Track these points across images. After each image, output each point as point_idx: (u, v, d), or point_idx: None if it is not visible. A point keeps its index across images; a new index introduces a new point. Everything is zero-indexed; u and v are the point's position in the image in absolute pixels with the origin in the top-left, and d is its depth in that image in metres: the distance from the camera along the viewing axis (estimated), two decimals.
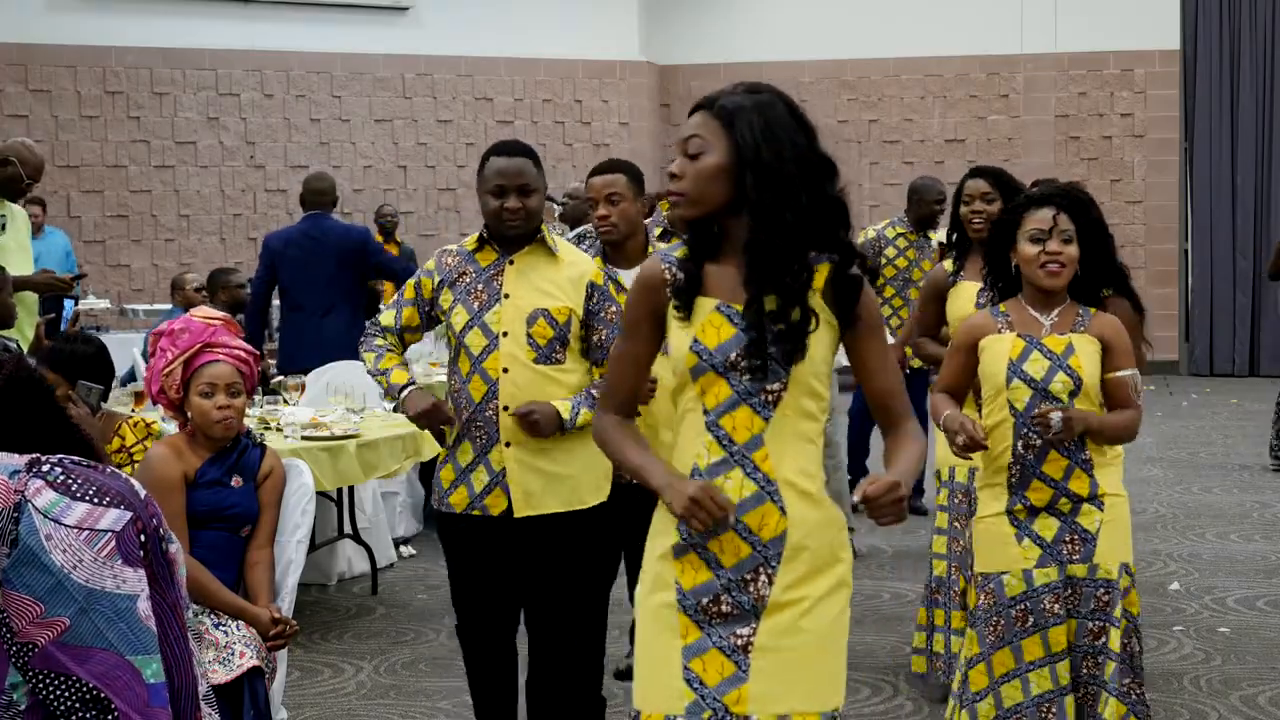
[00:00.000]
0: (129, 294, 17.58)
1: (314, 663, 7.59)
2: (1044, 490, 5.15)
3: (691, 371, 3.68)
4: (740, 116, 3.70)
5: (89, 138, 17.78)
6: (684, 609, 3.68)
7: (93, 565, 3.49)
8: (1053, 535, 5.15)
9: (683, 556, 3.69)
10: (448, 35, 19.19)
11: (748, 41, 20.44)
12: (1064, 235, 5.19)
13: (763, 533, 3.65)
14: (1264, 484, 12.27)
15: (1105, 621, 5.10)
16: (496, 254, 5.38)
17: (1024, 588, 5.14)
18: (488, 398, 5.26)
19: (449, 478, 5.39)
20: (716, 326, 3.68)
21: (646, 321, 3.79)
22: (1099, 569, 5.12)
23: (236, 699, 5.20)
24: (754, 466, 3.65)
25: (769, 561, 3.65)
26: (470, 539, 5.39)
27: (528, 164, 5.38)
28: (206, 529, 5.47)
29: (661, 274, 3.76)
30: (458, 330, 5.32)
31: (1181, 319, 20.37)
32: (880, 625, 8.11)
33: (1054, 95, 20.22)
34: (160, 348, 5.56)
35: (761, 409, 3.66)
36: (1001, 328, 5.27)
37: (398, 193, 18.90)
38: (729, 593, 3.65)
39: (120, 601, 3.50)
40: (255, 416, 8.25)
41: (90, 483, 3.53)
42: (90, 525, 3.47)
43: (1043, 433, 5.09)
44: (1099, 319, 5.26)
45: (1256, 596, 8.63)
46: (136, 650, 3.55)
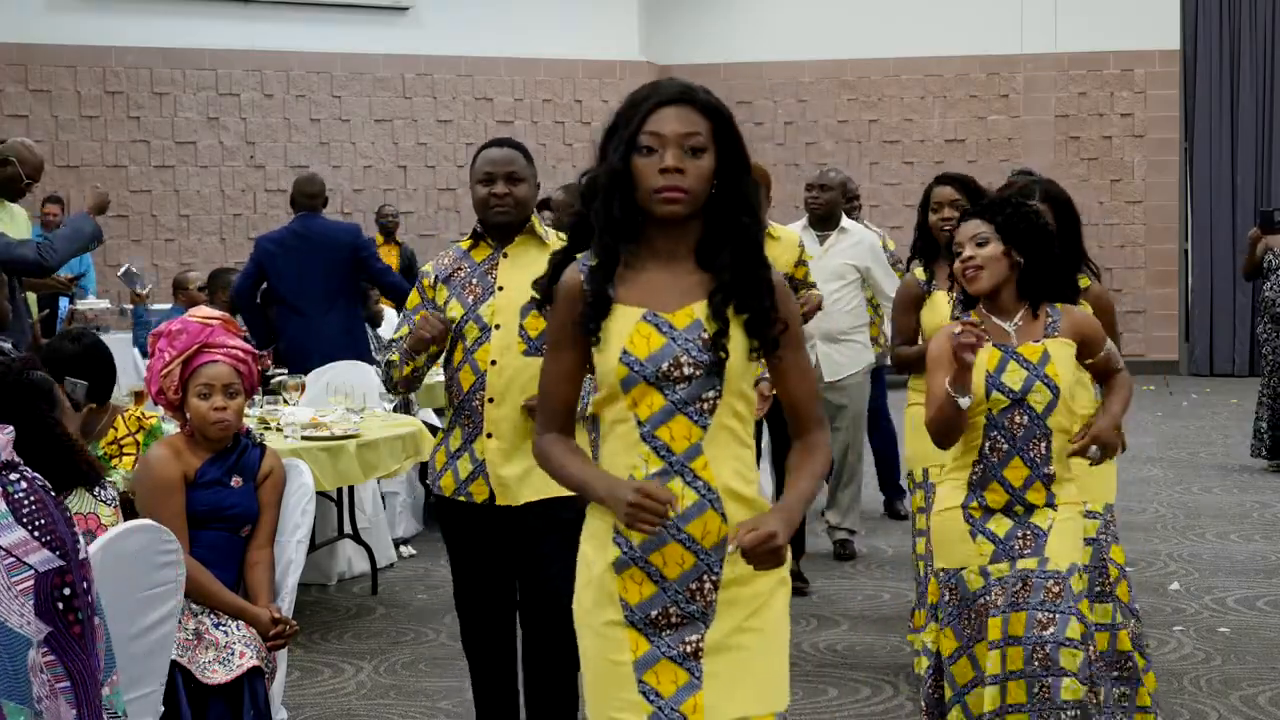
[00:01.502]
0: (129, 294, 17.55)
1: (314, 663, 7.59)
2: (1000, 494, 5.13)
3: (622, 384, 3.59)
4: (729, 118, 3.66)
5: (89, 138, 17.77)
6: (631, 624, 3.62)
7: (3, 594, 3.38)
8: (1005, 532, 5.13)
9: (624, 572, 3.62)
10: (448, 35, 19.19)
11: (748, 42, 20.44)
12: (976, 239, 5.16)
13: (705, 540, 3.59)
14: (1264, 484, 12.26)
15: (1054, 612, 5.02)
16: (490, 248, 5.42)
17: (982, 583, 5.13)
18: (475, 388, 5.30)
19: (440, 460, 5.45)
20: (645, 336, 3.60)
21: (569, 333, 3.68)
22: (1049, 562, 5.07)
23: (236, 699, 5.21)
24: (694, 475, 3.59)
25: (712, 568, 3.60)
26: (460, 522, 5.45)
27: (517, 155, 5.45)
28: (206, 529, 5.47)
29: (579, 284, 3.66)
30: (454, 324, 5.34)
31: (1181, 319, 20.37)
32: (880, 625, 8.11)
33: (1054, 95, 20.21)
34: (158, 348, 5.56)
35: (698, 417, 3.59)
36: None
37: (398, 193, 18.90)
38: (676, 604, 3.60)
39: (15, 641, 3.38)
40: (255, 416, 8.25)
41: (41, 514, 3.42)
42: (19, 555, 3.36)
43: (1090, 458, 5.18)
44: (1069, 317, 5.23)
45: (1256, 596, 8.63)
46: (11, 695, 3.42)
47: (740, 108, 20.54)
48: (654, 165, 3.55)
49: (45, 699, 3.45)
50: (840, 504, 9.73)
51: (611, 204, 3.60)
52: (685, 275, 3.65)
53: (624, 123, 3.61)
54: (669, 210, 3.57)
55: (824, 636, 7.90)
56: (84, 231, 8.58)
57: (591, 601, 3.67)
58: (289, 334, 10.45)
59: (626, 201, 3.59)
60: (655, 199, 3.56)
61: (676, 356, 3.58)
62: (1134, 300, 20.08)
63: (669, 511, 3.46)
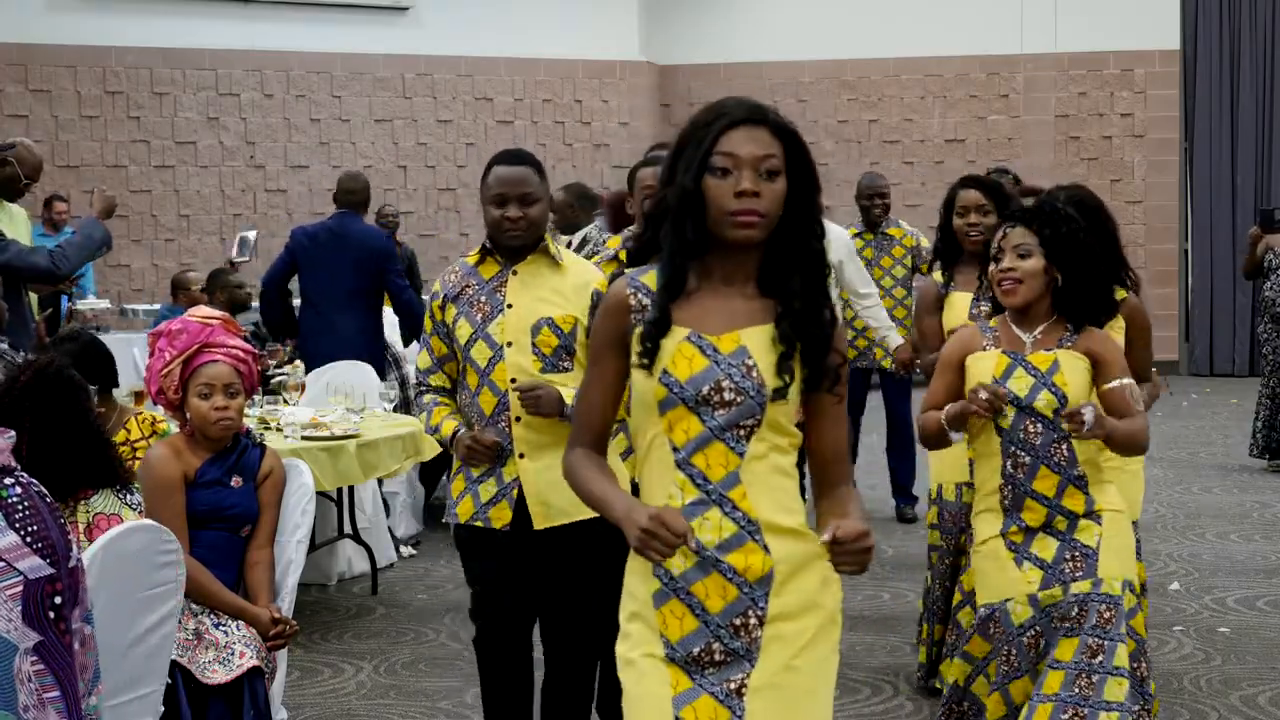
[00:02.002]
0: (129, 294, 17.57)
1: (314, 663, 7.59)
2: (1038, 509, 5.03)
3: (660, 405, 3.48)
4: (800, 139, 3.54)
5: (89, 138, 17.77)
6: (673, 660, 3.49)
7: None
8: (1052, 555, 5.02)
9: (664, 605, 3.49)
10: (448, 35, 19.18)
11: (748, 41, 20.44)
12: (1019, 250, 5.08)
13: (748, 574, 3.46)
14: (1264, 484, 12.26)
15: (1104, 639, 4.93)
16: (499, 265, 5.30)
17: (1032, 612, 5.00)
18: (499, 410, 5.18)
19: (459, 488, 5.33)
20: (688, 357, 3.48)
21: (613, 348, 3.58)
22: (1103, 584, 4.96)
23: (236, 699, 5.21)
24: (733, 505, 3.46)
25: (756, 603, 3.47)
26: (477, 548, 5.34)
27: (530, 173, 5.29)
28: (206, 529, 5.47)
29: (627, 299, 3.56)
30: (463, 344, 5.24)
31: (1181, 319, 20.37)
32: (881, 625, 8.11)
33: (1054, 95, 20.21)
34: (158, 348, 5.56)
35: (735, 444, 3.46)
36: (988, 344, 5.16)
37: (398, 193, 18.89)
38: (719, 640, 3.47)
39: (2, 647, 3.38)
40: (255, 416, 8.25)
41: (34, 520, 3.40)
42: (9, 560, 3.35)
43: (1074, 429, 4.90)
44: (1088, 335, 5.12)
45: (1256, 596, 8.63)
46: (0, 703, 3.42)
47: None
48: (729, 188, 3.43)
49: (32, 708, 3.43)
50: None
51: (684, 226, 3.47)
52: (738, 300, 3.54)
53: (694, 143, 3.48)
54: (744, 235, 3.45)
55: None
56: (94, 238, 8.56)
57: (633, 641, 3.55)
58: (305, 329, 10.44)
59: (698, 223, 3.46)
60: (729, 222, 3.44)
61: (718, 380, 3.46)
62: None
63: (685, 539, 3.30)
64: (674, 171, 3.50)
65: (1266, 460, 12.80)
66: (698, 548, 3.45)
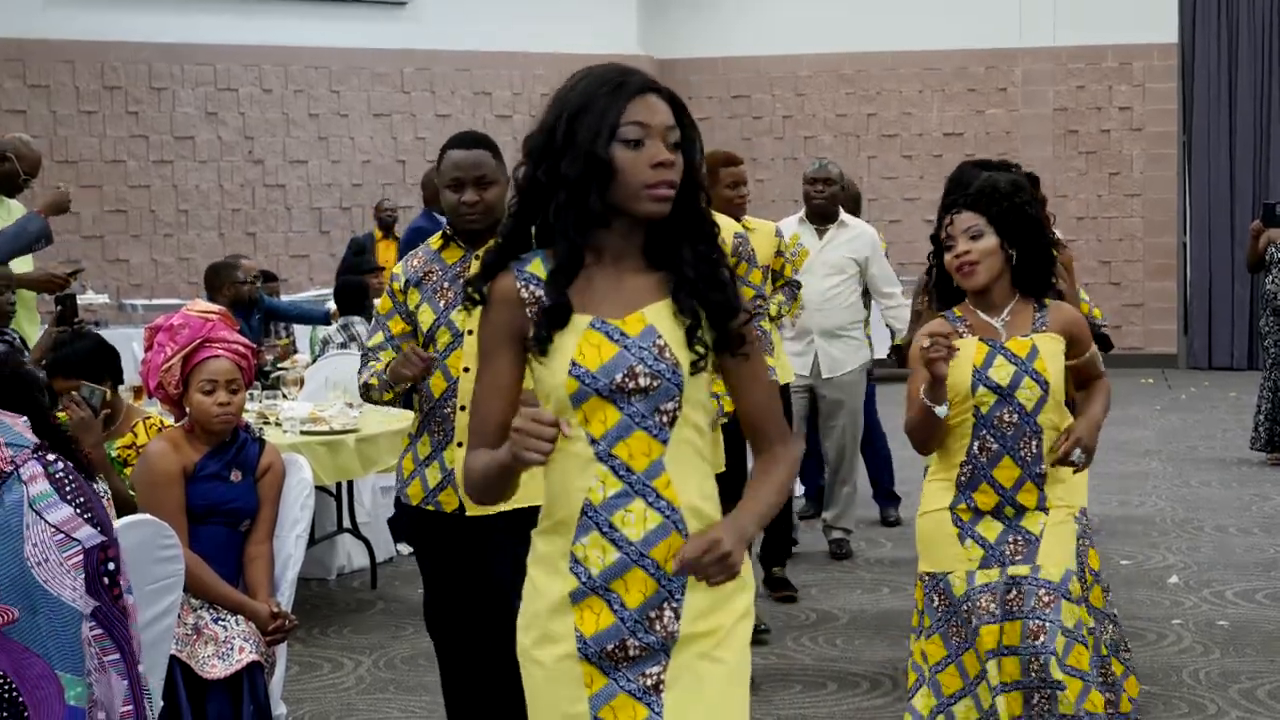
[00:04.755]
0: (128, 289, 17.56)
1: (313, 657, 7.60)
2: (990, 495, 5.04)
3: (572, 398, 3.27)
4: (685, 107, 3.38)
5: (87, 133, 17.76)
6: (586, 657, 3.31)
7: (57, 569, 3.45)
8: (995, 537, 5.04)
9: (582, 602, 3.31)
10: (446, 29, 19.17)
11: (745, 35, 20.44)
12: (970, 232, 5.07)
13: (668, 565, 3.28)
14: (1263, 477, 12.26)
15: (1044, 620, 4.91)
16: (462, 250, 5.24)
17: (966, 588, 5.03)
18: (446, 395, 5.13)
19: (409, 468, 5.28)
20: (595, 345, 3.28)
21: (506, 345, 3.34)
22: (1041, 570, 4.97)
23: (236, 693, 5.21)
24: (656, 495, 3.28)
25: (673, 595, 3.31)
26: (428, 532, 5.29)
27: (485, 155, 5.23)
28: (205, 524, 5.48)
29: (516, 292, 3.33)
30: (425, 329, 5.18)
31: (1180, 312, 20.37)
32: (879, 620, 8.12)
33: (1052, 89, 20.21)
34: (158, 343, 5.56)
35: (658, 431, 3.29)
36: (962, 332, 5.12)
37: (397, 187, 18.87)
38: (634, 635, 3.30)
39: (69, 614, 3.46)
40: (254, 411, 8.25)
41: (81, 492, 3.52)
42: (68, 531, 3.45)
43: (1074, 464, 5.03)
44: (1056, 311, 5.15)
45: (1255, 590, 8.63)
46: (68, 668, 3.50)
47: (738, 101, 20.60)
48: (644, 159, 3.25)
49: (95, 672, 3.55)
50: (837, 502, 9.66)
51: (587, 198, 3.25)
52: (630, 277, 3.35)
53: (593, 111, 3.26)
54: (659, 209, 3.28)
55: (823, 630, 7.91)
56: (29, 230, 8.43)
57: (540, 634, 3.37)
58: None
59: (604, 197, 3.25)
60: (647, 195, 3.26)
61: (631, 366, 3.27)
62: (1132, 293, 20.09)
63: (557, 430, 3.10)
64: (566, 142, 3.26)
65: (1267, 453, 12.80)
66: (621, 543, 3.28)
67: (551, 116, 3.31)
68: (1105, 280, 19.48)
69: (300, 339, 12.61)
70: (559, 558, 3.34)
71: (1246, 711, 6.62)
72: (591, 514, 3.30)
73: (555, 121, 3.29)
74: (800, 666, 7.33)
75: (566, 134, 3.27)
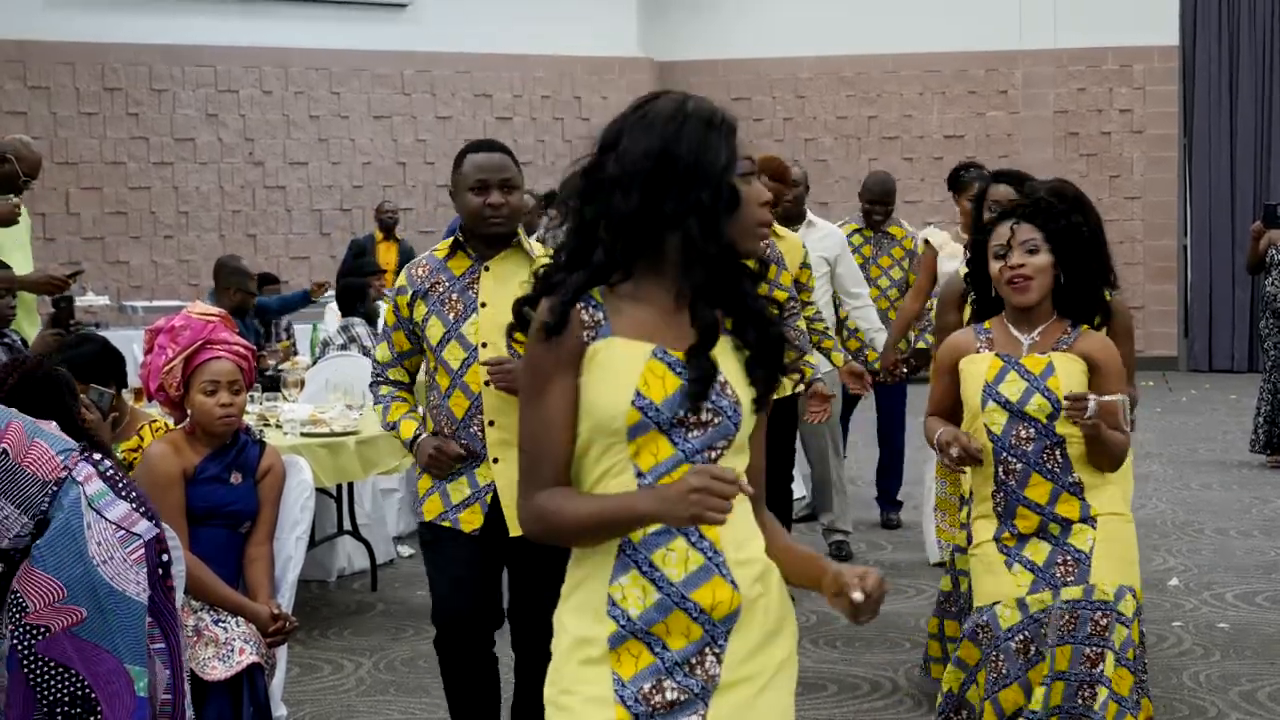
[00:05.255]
0: (128, 290, 17.58)
1: (313, 659, 7.59)
2: (1030, 517, 5.00)
3: (630, 430, 3.13)
4: None
5: (88, 135, 17.77)
6: (622, 701, 3.14)
7: (121, 565, 3.50)
8: (1044, 559, 4.98)
9: (620, 646, 3.16)
10: (446, 31, 19.18)
11: (746, 38, 20.44)
12: (1027, 246, 4.99)
13: (715, 612, 3.16)
14: (1263, 480, 12.26)
15: (1103, 647, 4.88)
16: (470, 260, 5.17)
17: (1020, 617, 4.96)
18: (471, 413, 5.09)
19: (426, 485, 5.25)
20: (660, 376, 3.14)
21: (560, 370, 3.17)
22: (1095, 590, 4.92)
23: (236, 695, 5.21)
24: (700, 535, 3.15)
25: (716, 640, 3.18)
26: (443, 549, 5.25)
27: (508, 160, 5.19)
28: (206, 525, 5.47)
29: (576, 313, 3.17)
30: (434, 344, 5.14)
31: (1180, 315, 20.38)
32: (880, 624, 8.09)
33: (1053, 91, 20.22)
34: (158, 345, 5.55)
35: None
36: (981, 347, 5.10)
37: (397, 189, 18.89)
38: (672, 676, 3.15)
39: (135, 608, 3.51)
40: (255, 413, 8.25)
41: (132, 486, 3.56)
42: (127, 527, 3.49)
43: (1075, 413, 4.82)
44: (1087, 337, 5.07)
45: (1255, 592, 8.63)
46: (135, 660, 3.54)
47: (739, 104, 20.55)
48: (753, 195, 3.24)
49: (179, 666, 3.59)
50: (832, 506, 9.59)
51: (720, 227, 3.14)
52: (672, 311, 3.21)
53: (715, 140, 3.19)
54: (759, 249, 3.25)
55: (823, 633, 7.90)
56: None
57: (573, 677, 3.20)
58: None
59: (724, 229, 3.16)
60: (754, 232, 3.22)
61: (698, 398, 3.15)
62: (1133, 296, 20.07)
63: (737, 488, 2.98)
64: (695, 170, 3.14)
65: (1267, 455, 12.80)
66: (661, 583, 3.15)
67: (659, 141, 3.19)
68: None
69: (301, 340, 12.61)
70: (598, 602, 3.19)
71: (1247, 714, 6.61)
72: (630, 552, 3.16)
73: (671, 145, 3.17)
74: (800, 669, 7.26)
75: (696, 159, 3.15)
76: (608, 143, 3.30)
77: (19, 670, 3.62)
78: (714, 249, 3.14)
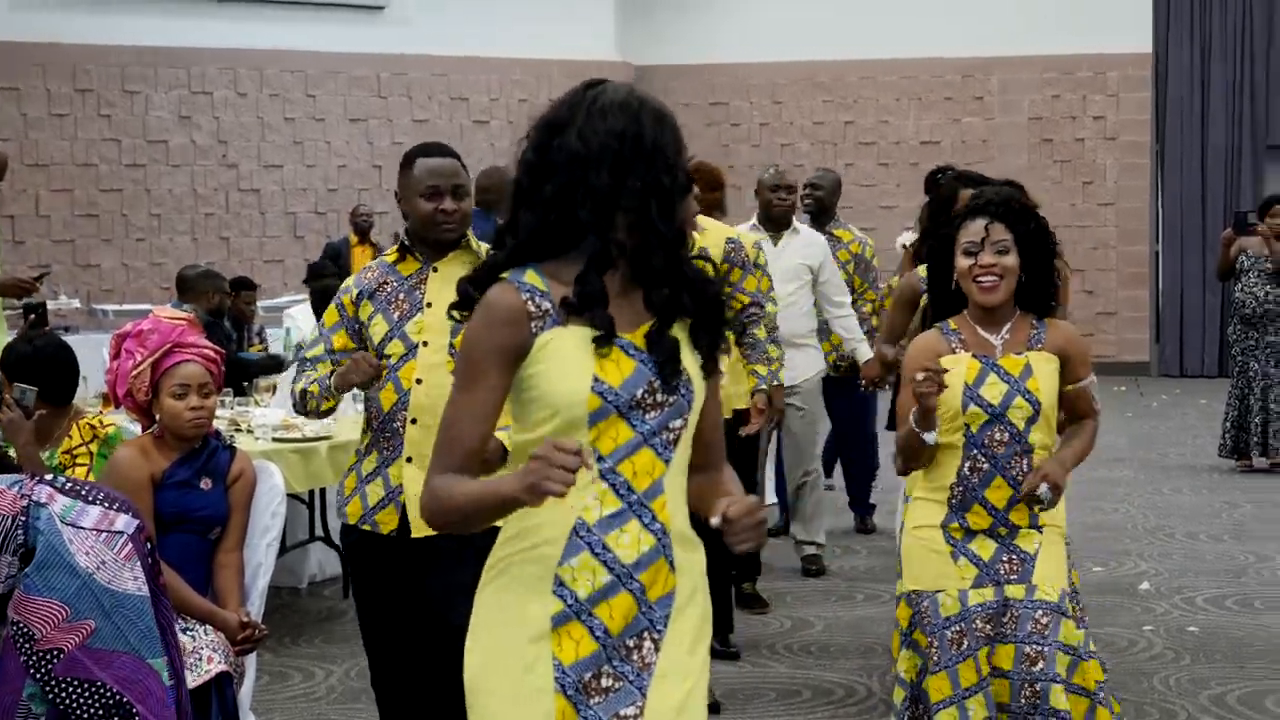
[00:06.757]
0: (99, 294, 17.50)
1: (284, 667, 7.57)
2: (984, 517, 5.00)
3: (591, 416, 3.14)
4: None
5: (59, 136, 17.70)
6: (562, 689, 3.15)
7: (114, 566, 3.51)
8: (990, 555, 4.99)
9: (562, 627, 3.16)
10: (423, 34, 19.16)
11: (724, 42, 20.46)
12: (998, 246, 4.98)
13: (652, 591, 3.20)
14: (1232, 484, 12.30)
15: (1043, 646, 4.89)
16: (419, 262, 5.13)
17: (959, 608, 4.96)
18: (397, 407, 5.03)
19: (350, 485, 5.19)
20: (614, 360, 3.16)
21: (499, 364, 3.15)
22: (1037, 590, 4.94)
23: (204, 704, 5.18)
24: (653, 516, 3.19)
25: (654, 625, 3.20)
26: (365, 553, 5.20)
27: (458, 165, 5.16)
28: (174, 531, 5.43)
29: (523, 305, 3.15)
30: (377, 341, 5.08)
31: (1152, 320, 20.45)
32: (854, 627, 8.11)
33: (1027, 98, 20.28)
34: (126, 349, 5.51)
35: (663, 450, 3.21)
36: (956, 347, 5.07)
37: (373, 192, 18.81)
38: (610, 662, 3.17)
39: (139, 603, 3.52)
40: (226, 418, 8.22)
41: (97, 488, 3.56)
42: (106, 528, 3.50)
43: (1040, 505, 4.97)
44: (1054, 331, 5.09)
45: (1225, 596, 8.65)
46: (154, 652, 3.57)
47: (716, 109, 20.61)
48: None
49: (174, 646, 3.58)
50: (803, 515, 9.40)
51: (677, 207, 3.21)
52: (631, 291, 3.23)
53: (668, 124, 3.23)
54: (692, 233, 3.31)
55: (797, 639, 7.90)
56: None
57: (511, 664, 3.18)
58: None
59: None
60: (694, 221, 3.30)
61: (651, 381, 3.18)
62: (1105, 302, 20.15)
63: (581, 461, 2.96)
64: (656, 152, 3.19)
65: (1236, 460, 12.85)
66: (613, 564, 3.17)
67: (621, 123, 3.19)
68: (1078, 288, 19.49)
69: (274, 345, 12.56)
70: (540, 580, 3.18)
71: (1217, 718, 6.63)
72: (585, 534, 3.17)
73: (634, 128, 3.19)
74: (775, 675, 7.32)
75: (656, 143, 3.19)
76: (559, 123, 3.27)
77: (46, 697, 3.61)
78: (670, 231, 3.18)
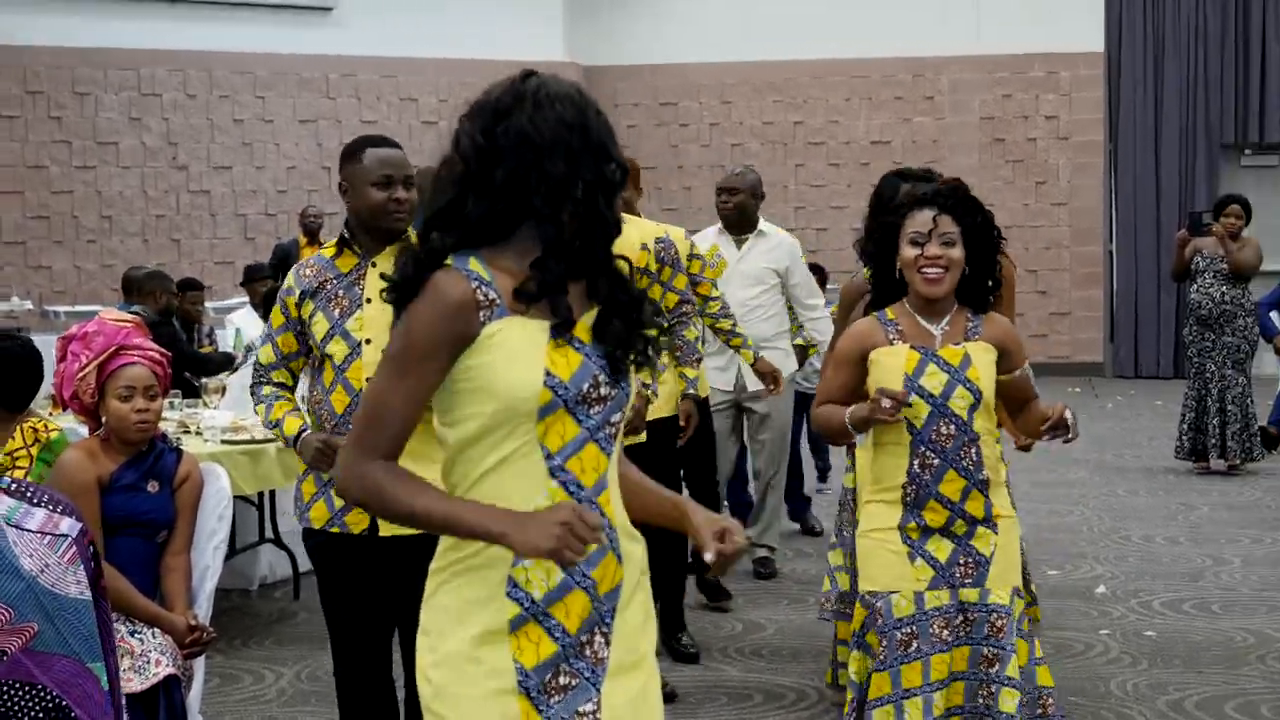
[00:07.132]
0: (50, 295, 17.42)
1: (234, 669, 7.50)
2: (940, 512, 4.98)
3: (540, 410, 3.08)
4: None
5: (9, 138, 17.61)
6: (525, 691, 3.11)
7: (57, 570, 3.52)
8: (946, 557, 4.98)
9: (520, 629, 3.12)
10: (371, 36, 19.12)
11: (673, 43, 20.46)
12: (945, 238, 4.97)
13: (602, 586, 3.17)
14: (1189, 486, 12.32)
15: (999, 648, 4.92)
16: (357, 257, 5.08)
17: (913, 610, 4.96)
18: (351, 409, 4.95)
19: (310, 490, 5.13)
20: (563, 354, 3.12)
21: (446, 354, 3.09)
22: (991, 594, 4.96)
23: (152, 708, 5.14)
24: (600, 512, 3.15)
25: (603, 619, 3.18)
26: (333, 556, 5.15)
27: (405, 156, 5.12)
28: (121, 535, 5.39)
29: (473, 294, 3.08)
30: (319, 339, 5.03)
31: (1106, 321, 20.50)
32: (806, 631, 8.08)
33: (978, 98, 20.32)
34: (71, 351, 5.46)
35: (606, 445, 3.18)
36: (893, 338, 5.05)
37: (322, 194, 18.74)
38: (566, 660, 3.14)
39: (81, 607, 3.54)
40: (175, 420, 8.15)
41: (42, 491, 3.56)
42: (51, 530, 3.49)
43: (1065, 435, 5.01)
44: (991, 323, 5.10)
45: (1182, 600, 8.64)
46: (94, 657, 3.59)
47: (665, 109, 20.60)
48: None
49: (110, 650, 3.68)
50: (761, 518, 9.35)
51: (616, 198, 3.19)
52: (571, 286, 3.19)
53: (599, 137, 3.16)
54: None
55: (749, 642, 7.87)
56: None
57: (471, 670, 3.13)
58: None
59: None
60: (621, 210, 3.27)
61: (595, 375, 3.15)
62: (1059, 302, 20.20)
63: (599, 536, 3.00)
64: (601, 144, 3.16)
65: (1192, 463, 12.87)
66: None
67: (570, 114, 3.15)
68: (1032, 289, 19.56)
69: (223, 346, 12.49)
70: (496, 582, 3.13)
71: None
72: None
73: (581, 120, 3.16)
74: (727, 679, 7.28)
75: (600, 136, 3.17)
76: (503, 110, 3.22)
77: None
78: (614, 221, 3.17)
